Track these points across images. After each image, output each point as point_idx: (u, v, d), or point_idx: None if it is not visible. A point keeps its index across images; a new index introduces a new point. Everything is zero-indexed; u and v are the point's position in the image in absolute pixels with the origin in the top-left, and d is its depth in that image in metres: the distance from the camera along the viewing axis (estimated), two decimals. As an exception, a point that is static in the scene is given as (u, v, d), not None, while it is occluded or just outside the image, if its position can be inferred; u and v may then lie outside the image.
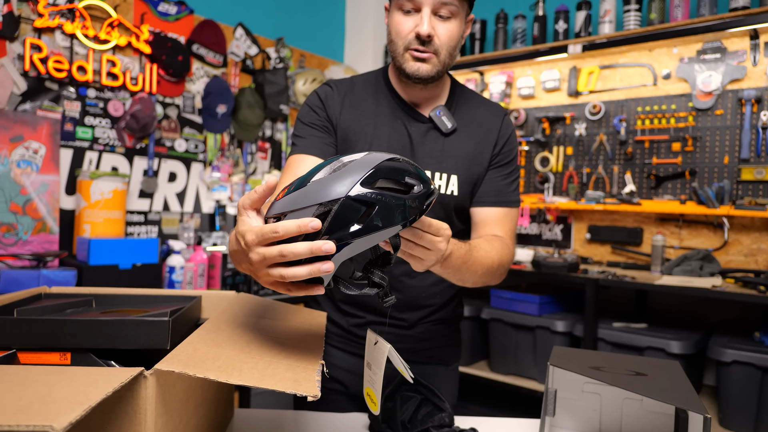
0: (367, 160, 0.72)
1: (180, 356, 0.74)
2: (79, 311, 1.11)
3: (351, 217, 0.69)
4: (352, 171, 0.70)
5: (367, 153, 0.75)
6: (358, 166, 0.71)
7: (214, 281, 2.55)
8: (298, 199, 0.70)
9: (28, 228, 2.17)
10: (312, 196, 0.69)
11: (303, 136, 1.21)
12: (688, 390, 0.99)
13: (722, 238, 2.47)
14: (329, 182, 0.70)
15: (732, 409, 1.99)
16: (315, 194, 0.69)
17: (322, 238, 0.69)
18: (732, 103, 2.45)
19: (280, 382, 0.71)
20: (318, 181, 0.71)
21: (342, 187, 0.69)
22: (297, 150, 1.20)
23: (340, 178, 0.70)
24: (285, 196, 0.72)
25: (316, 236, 0.69)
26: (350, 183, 0.69)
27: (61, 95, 2.30)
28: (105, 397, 0.56)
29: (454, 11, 1.13)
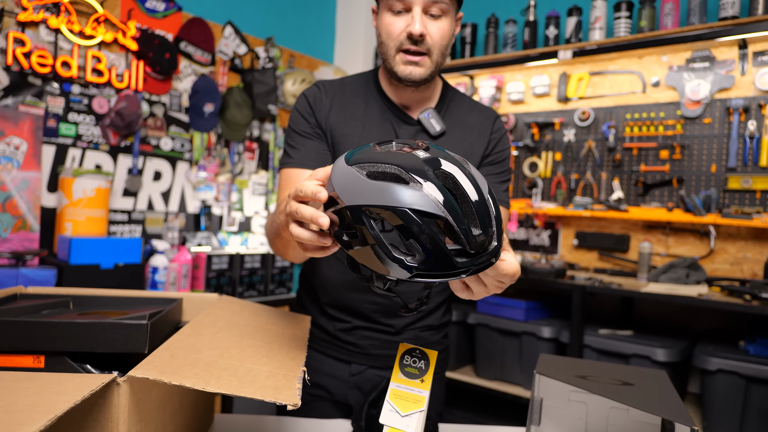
0: (385, 196, 0.65)
1: (156, 362, 0.71)
2: (55, 312, 1.08)
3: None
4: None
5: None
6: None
7: (198, 282, 2.52)
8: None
9: (7, 225, 2.12)
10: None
11: (296, 147, 1.19)
12: (675, 400, 0.98)
13: (709, 246, 2.48)
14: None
15: (716, 418, 2.00)
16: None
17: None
18: (720, 112, 2.46)
19: (259, 390, 0.69)
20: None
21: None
22: (292, 163, 1.18)
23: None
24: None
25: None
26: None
27: (45, 91, 2.26)
28: (72, 406, 0.54)
29: (444, 9, 1.11)
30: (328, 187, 0.70)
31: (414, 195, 0.62)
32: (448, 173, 0.65)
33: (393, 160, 0.65)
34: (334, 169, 0.70)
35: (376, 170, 0.65)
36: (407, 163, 0.64)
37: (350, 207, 0.65)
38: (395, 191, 0.62)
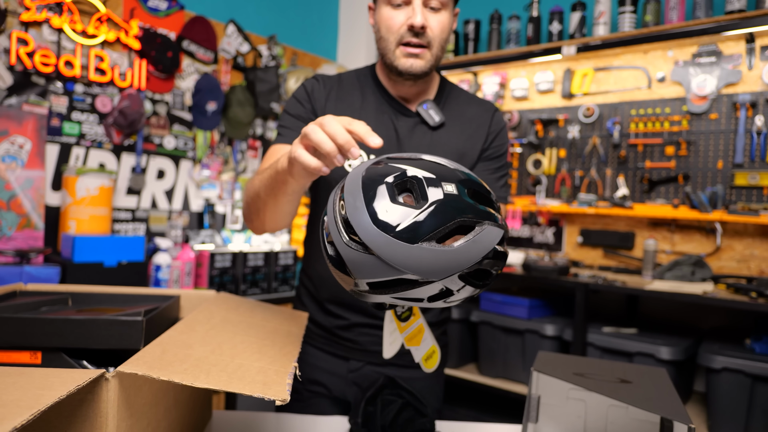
0: (476, 251, 0.63)
1: (146, 358, 0.71)
2: (53, 309, 1.08)
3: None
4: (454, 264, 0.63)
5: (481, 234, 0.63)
6: (463, 257, 0.63)
7: (201, 280, 2.52)
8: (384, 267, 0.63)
9: (12, 224, 2.14)
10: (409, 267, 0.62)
11: (289, 127, 1.19)
12: (674, 399, 0.97)
13: (715, 243, 2.46)
14: (434, 263, 0.62)
15: (721, 417, 1.98)
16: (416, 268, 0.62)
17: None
18: (727, 108, 2.43)
19: (248, 386, 0.68)
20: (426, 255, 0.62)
21: (440, 277, 0.63)
22: (282, 140, 1.18)
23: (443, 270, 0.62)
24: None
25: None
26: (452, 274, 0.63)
27: (48, 90, 2.27)
28: (57, 401, 0.54)
29: (444, 2, 1.12)
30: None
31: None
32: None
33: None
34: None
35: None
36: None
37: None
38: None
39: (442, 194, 0.63)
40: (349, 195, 0.65)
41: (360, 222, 0.62)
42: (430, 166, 0.66)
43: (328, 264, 0.70)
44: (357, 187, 0.65)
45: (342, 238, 0.65)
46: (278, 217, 1.05)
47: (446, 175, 0.65)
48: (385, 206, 0.62)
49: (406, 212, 0.61)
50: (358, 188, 0.64)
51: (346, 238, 0.64)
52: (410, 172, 0.65)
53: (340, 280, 0.70)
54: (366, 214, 0.62)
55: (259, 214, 1.06)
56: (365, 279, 0.65)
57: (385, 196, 0.63)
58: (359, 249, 0.63)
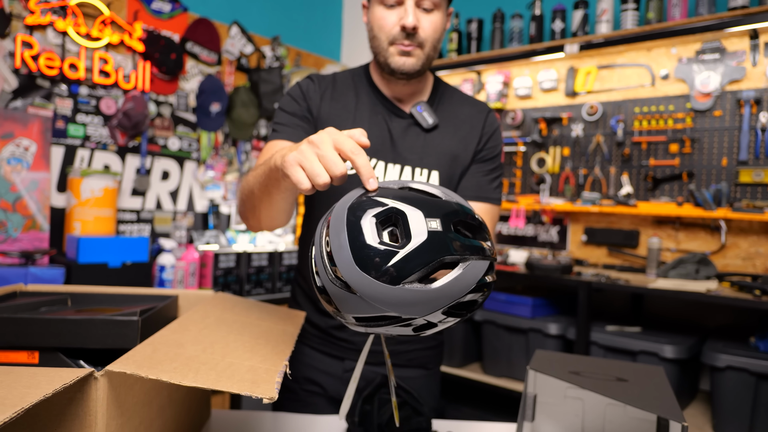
0: (458, 288, 0.63)
1: (135, 357, 0.72)
2: (53, 310, 1.10)
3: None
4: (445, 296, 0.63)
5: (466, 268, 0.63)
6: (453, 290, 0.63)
7: (205, 280, 2.54)
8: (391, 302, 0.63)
9: (17, 225, 2.16)
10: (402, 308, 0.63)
11: (284, 124, 1.19)
12: (669, 397, 0.96)
13: (720, 241, 2.44)
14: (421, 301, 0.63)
15: (726, 416, 1.96)
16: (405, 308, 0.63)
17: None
18: (731, 104, 2.41)
19: (236, 384, 0.69)
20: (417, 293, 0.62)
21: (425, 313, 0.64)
22: (278, 136, 1.18)
23: (430, 303, 0.63)
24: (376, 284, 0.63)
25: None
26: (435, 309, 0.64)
27: (53, 93, 2.29)
28: (42, 399, 0.54)
29: (437, 3, 1.11)
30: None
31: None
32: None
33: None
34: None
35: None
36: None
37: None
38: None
39: (426, 232, 0.62)
40: (334, 231, 0.65)
41: (343, 262, 0.63)
42: (417, 199, 0.66)
43: (316, 293, 0.71)
44: (342, 223, 0.65)
45: (327, 274, 0.66)
46: (274, 214, 1.05)
47: (432, 208, 0.65)
48: (367, 246, 0.62)
49: (388, 253, 0.61)
50: (343, 225, 0.65)
51: (331, 275, 0.65)
52: (396, 206, 0.65)
53: (328, 309, 0.71)
54: (349, 254, 0.63)
55: (254, 212, 1.06)
56: (350, 313, 0.66)
57: (369, 234, 0.63)
58: (342, 287, 0.64)
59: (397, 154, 1.18)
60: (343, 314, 0.67)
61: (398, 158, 1.18)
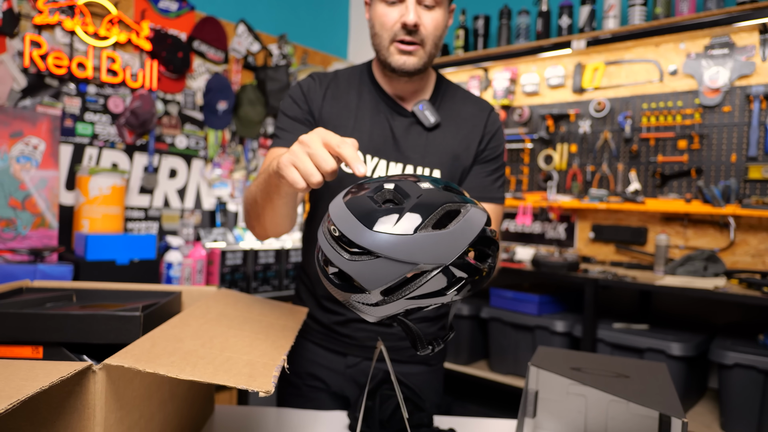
0: (469, 230, 0.67)
1: (134, 351, 0.72)
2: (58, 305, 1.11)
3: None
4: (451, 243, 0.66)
5: (469, 214, 0.67)
6: (457, 238, 0.66)
7: (212, 277, 2.56)
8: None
9: (27, 223, 2.19)
10: (409, 255, 0.65)
11: (286, 129, 1.20)
12: (670, 393, 0.96)
13: (729, 238, 2.41)
14: (430, 246, 0.65)
15: (734, 413, 1.94)
16: (412, 254, 0.64)
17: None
18: (740, 100, 2.39)
19: (233, 378, 0.69)
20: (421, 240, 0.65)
21: (443, 257, 0.65)
22: (281, 143, 1.19)
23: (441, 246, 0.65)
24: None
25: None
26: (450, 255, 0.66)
27: (61, 91, 2.31)
28: (38, 391, 0.55)
29: (438, 0, 1.11)
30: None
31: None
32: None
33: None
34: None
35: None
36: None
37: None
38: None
39: (420, 190, 0.68)
40: (339, 219, 0.68)
41: (358, 233, 0.66)
42: (400, 178, 0.72)
43: (337, 293, 0.71)
44: (343, 210, 0.68)
45: (343, 257, 0.67)
46: (278, 220, 1.06)
47: (418, 178, 0.71)
48: (375, 210, 0.66)
49: (396, 209, 0.66)
50: (345, 211, 0.68)
51: (347, 255, 0.67)
52: (386, 184, 0.70)
53: (350, 299, 0.70)
54: (361, 225, 0.66)
55: (259, 219, 1.08)
56: (376, 287, 0.66)
57: (373, 207, 0.67)
58: (364, 258, 0.65)
59: (399, 153, 1.18)
60: (371, 292, 0.67)
61: (400, 157, 1.18)
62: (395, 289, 0.67)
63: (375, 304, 0.69)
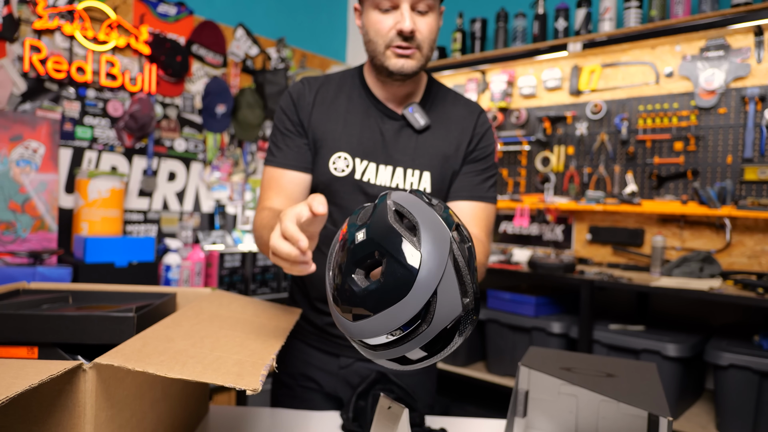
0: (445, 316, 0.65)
1: (125, 350, 0.74)
2: (54, 307, 1.12)
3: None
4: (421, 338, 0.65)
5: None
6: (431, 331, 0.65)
7: (211, 279, 2.57)
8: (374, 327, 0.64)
9: (26, 226, 2.20)
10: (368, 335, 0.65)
11: (279, 146, 1.22)
12: (657, 392, 0.97)
13: (725, 239, 2.42)
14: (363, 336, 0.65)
15: (729, 414, 1.95)
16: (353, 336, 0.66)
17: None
18: (735, 102, 2.40)
19: (221, 377, 0.71)
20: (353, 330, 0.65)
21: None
22: (275, 162, 1.22)
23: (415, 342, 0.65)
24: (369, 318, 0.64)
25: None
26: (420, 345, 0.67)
27: (61, 95, 2.33)
28: (27, 389, 0.56)
29: (431, 5, 1.12)
30: None
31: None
32: None
33: None
34: None
35: None
36: None
37: None
38: None
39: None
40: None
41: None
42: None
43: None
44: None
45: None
46: None
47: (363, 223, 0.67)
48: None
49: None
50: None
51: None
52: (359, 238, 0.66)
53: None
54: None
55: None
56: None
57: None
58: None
59: (388, 156, 1.19)
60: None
61: (390, 160, 1.19)
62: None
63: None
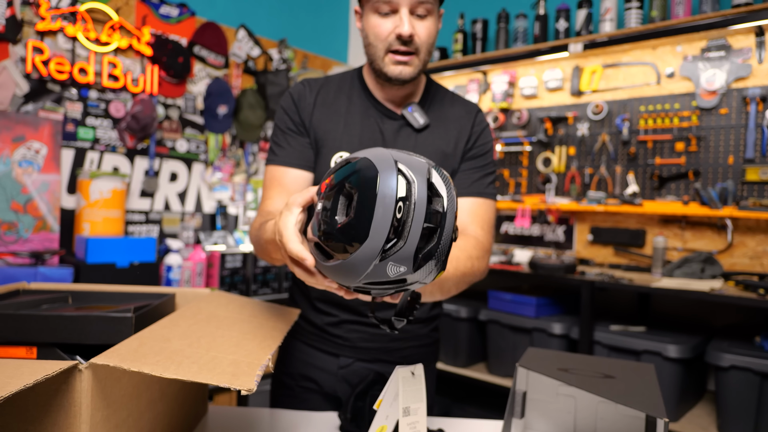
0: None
1: (121, 350, 0.74)
2: (54, 307, 1.12)
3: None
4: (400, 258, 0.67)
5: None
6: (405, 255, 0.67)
7: (212, 280, 2.58)
8: (327, 271, 0.73)
9: (28, 226, 2.21)
10: (336, 277, 0.72)
11: (281, 145, 1.23)
12: (654, 393, 0.97)
13: (726, 240, 2.41)
14: (347, 276, 0.70)
15: (730, 416, 1.94)
16: (338, 278, 0.72)
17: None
18: (737, 102, 2.39)
19: (216, 377, 0.71)
20: (337, 269, 0.70)
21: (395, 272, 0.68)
22: (277, 161, 1.23)
23: (394, 262, 0.67)
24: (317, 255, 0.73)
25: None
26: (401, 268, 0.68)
27: (63, 96, 2.35)
28: (22, 388, 0.57)
29: (429, 9, 1.13)
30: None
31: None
32: None
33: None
34: None
35: None
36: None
37: None
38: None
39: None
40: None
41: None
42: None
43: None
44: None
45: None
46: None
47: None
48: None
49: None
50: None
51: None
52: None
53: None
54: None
55: (274, 263, 1.11)
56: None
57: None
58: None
59: None
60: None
61: None
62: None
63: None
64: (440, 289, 1.01)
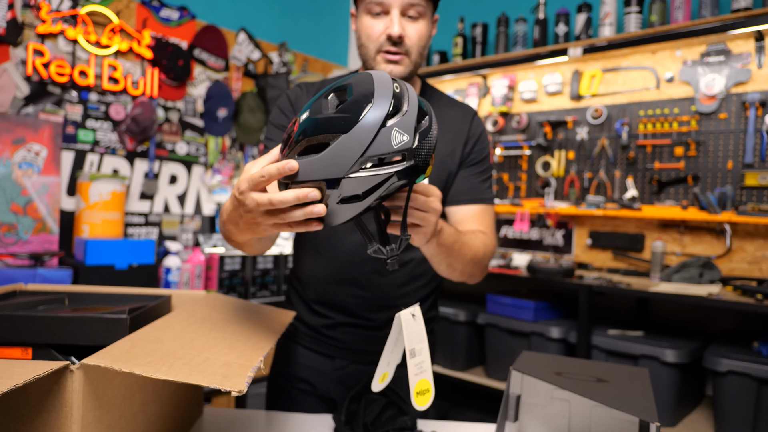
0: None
1: (113, 351, 0.75)
2: (50, 308, 1.13)
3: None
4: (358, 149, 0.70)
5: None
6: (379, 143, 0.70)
7: (211, 282, 2.58)
8: (316, 168, 0.72)
9: (28, 228, 2.22)
10: (329, 170, 0.71)
11: (273, 140, 1.23)
12: (647, 398, 0.97)
13: (725, 244, 2.41)
14: (345, 157, 0.70)
15: (728, 421, 1.94)
16: (332, 168, 0.71)
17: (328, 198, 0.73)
18: (736, 107, 2.39)
19: (207, 378, 0.71)
20: (334, 153, 0.70)
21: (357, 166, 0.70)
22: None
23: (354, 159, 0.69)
24: (303, 159, 0.73)
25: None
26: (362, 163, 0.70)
27: (63, 99, 2.35)
28: (12, 388, 0.57)
29: (421, 11, 1.14)
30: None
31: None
32: None
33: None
34: None
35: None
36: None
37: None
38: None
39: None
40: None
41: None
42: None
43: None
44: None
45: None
46: (257, 249, 1.13)
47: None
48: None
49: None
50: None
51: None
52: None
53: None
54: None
55: (242, 248, 1.09)
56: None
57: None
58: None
59: None
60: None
61: None
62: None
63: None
64: (456, 256, 1.04)
